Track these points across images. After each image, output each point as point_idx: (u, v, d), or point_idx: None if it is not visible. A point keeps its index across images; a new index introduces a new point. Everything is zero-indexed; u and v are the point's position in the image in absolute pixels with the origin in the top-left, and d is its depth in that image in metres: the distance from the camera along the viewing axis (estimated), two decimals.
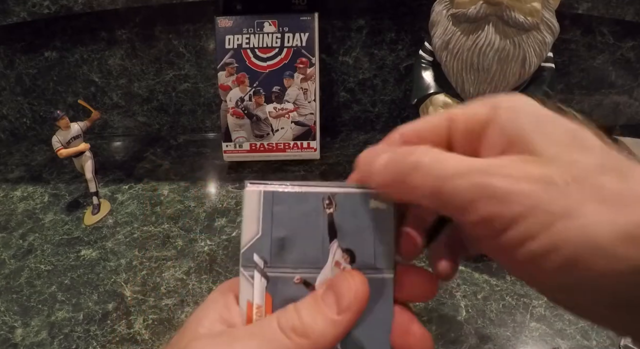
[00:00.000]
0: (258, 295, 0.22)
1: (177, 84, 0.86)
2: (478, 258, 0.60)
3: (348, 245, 0.22)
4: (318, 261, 0.22)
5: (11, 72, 0.87)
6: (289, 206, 0.22)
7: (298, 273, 0.22)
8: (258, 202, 0.22)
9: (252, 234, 0.22)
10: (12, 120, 0.94)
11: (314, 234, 0.22)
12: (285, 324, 0.19)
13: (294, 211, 0.22)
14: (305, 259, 0.22)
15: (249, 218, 0.22)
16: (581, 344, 0.50)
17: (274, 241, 0.22)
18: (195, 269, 0.61)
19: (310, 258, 0.22)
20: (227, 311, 0.21)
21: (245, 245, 0.22)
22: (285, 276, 0.22)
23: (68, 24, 0.81)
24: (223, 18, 0.74)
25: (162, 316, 0.55)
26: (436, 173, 0.18)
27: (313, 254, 0.22)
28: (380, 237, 0.22)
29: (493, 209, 0.16)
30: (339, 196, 0.22)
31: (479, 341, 0.50)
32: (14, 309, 0.58)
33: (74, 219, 0.72)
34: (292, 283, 0.22)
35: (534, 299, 0.55)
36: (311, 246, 0.22)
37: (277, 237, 0.22)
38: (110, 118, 0.92)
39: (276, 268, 0.22)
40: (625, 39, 0.72)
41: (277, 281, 0.22)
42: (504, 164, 0.17)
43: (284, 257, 0.22)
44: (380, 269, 0.22)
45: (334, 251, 0.22)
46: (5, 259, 0.66)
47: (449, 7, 0.52)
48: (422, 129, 0.21)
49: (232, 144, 0.78)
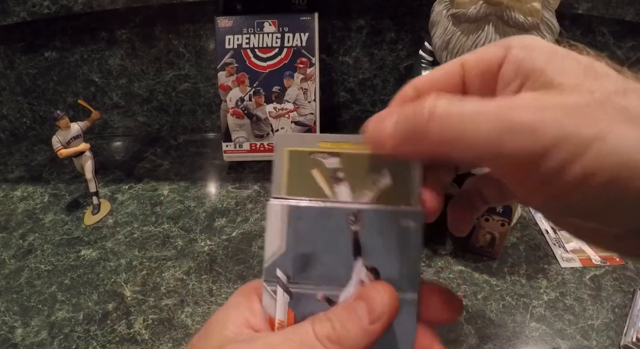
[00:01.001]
0: (280, 311, 0.22)
1: (177, 84, 0.86)
2: (478, 258, 0.60)
3: (373, 263, 0.22)
4: (341, 278, 0.22)
5: (11, 72, 0.87)
6: (313, 221, 0.22)
7: (321, 289, 0.22)
8: (281, 217, 0.22)
9: (275, 249, 0.22)
10: (12, 120, 0.94)
11: (338, 251, 0.22)
12: (320, 331, 0.20)
13: (318, 226, 0.22)
14: (328, 276, 0.22)
15: (272, 233, 0.22)
16: (581, 344, 0.50)
17: (297, 257, 0.22)
18: (195, 269, 0.61)
19: (333, 275, 0.22)
20: (252, 315, 0.21)
21: (269, 260, 0.22)
22: (308, 292, 0.22)
23: (68, 24, 0.81)
24: (223, 18, 0.74)
25: (162, 316, 0.55)
26: (453, 119, 0.17)
27: (336, 272, 0.22)
28: (407, 257, 0.21)
29: (521, 144, 0.15)
30: (366, 213, 0.22)
31: (479, 341, 0.50)
32: (14, 309, 0.58)
33: (74, 219, 0.72)
34: (315, 300, 0.22)
35: (534, 299, 0.55)
36: (335, 263, 0.22)
37: (301, 253, 0.22)
38: (110, 118, 0.92)
39: (299, 283, 0.22)
40: (625, 39, 0.72)
41: (300, 297, 0.22)
42: (524, 98, 0.17)
43: (307, 273, 0.22)
44: (404, 289, 0.22)
45: (358, 269, 0.22)
46: (5, 259, 0.66)
47: (449, 7, 0.52)
48: (435, 78, 0.20)
49: (232, 144, 0.78)
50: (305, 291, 0.22)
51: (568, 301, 0.55)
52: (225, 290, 0.58)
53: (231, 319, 0.21)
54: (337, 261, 0.22)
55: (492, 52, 0.19)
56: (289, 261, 0.22)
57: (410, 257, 0.22)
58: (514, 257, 0.61)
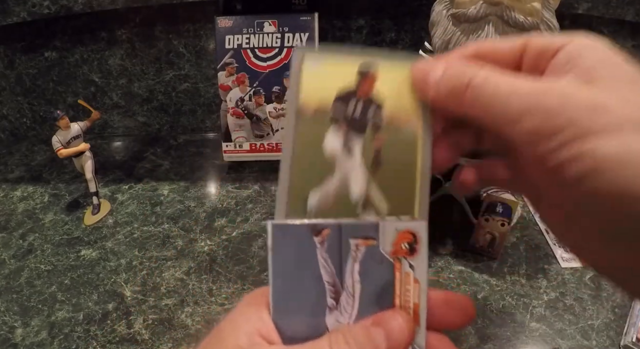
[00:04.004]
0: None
1: (177, 84, 0.86)
2: (478, 258, 0.60)
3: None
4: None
5: (11, 72, 0.87)
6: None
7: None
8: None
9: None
10: (12, 120, 0.94)
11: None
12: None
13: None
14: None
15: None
16: (581, 344, 0.50)
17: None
18: (195, 269, 0.61)
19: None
20: (263, 325, 0.21)
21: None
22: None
23: (68, 24, 0.81)
24: (223, 18, 0.74)
25: (162, 316, 0.55)
26: (488, 93, 0.19)
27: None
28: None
29: (540, 123, 0.18)
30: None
31: (479, 341, 0.50)
32: (14, 309, 0.58)
33: (74, 219, 0.72)
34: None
35: (534, 299, 0.55)
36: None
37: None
38: (110, 118, 0.92)
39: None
40: (625, 39, 0.72)
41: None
42: (559, 84, 0.18)
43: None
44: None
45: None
46: (5, 259, 0.66)
47: (449, 7, 0.52)
48: (499, 47, 0.22)
49: (232, 144, 0.78)
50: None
51: (568, 301, 0.55)
52: (225, 290, 0.58)
53: (243, 328, 0.21)
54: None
55: (556, 38, 0.21)
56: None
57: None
58: (514, 257, 0.61)
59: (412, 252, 0.22)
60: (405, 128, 0.23)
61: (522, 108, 0.18)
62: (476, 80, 0.20)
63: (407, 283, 0.22)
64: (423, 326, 0.21)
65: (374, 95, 0.23)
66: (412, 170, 0.23)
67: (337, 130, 0.23)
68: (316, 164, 0.23)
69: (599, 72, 0.18)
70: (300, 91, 0.24)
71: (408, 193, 0.23)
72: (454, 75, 0.21)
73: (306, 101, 0.23)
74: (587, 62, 0.19)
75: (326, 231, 0.22)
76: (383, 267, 0.22)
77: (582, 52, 0.19)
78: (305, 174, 0.23)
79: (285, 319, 0.21)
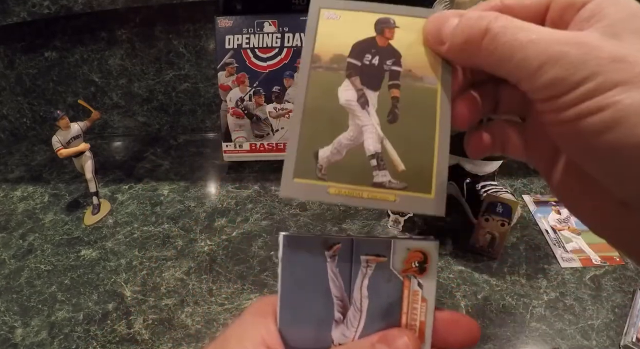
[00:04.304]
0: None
1: (177, 84, 0.86)
2: (478, 258, 0.60)
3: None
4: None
5: (11, 72, 0.87)
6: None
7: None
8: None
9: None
10: (12, 120, 0.94)
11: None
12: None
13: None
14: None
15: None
16: (581, 344, 0.50)
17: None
18: (195, 269, 0.61)
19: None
20: (269, 336, 0.21)
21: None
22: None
23: (68, 24, 0.81)
24: (223, 18, 0.74)
25: (162, 316, 0.55)
26: (507, 39, 0.18)
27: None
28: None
29: (562, 73, 0.17)
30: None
31: (479, 341, 0.50)
32: (14, 309, 0.58)
33: (74, 219, 0.72)
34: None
35: (534, 299, 0.55)
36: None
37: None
38: (110, 118, 0.92)
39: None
40: None
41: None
42: (581, 35, 0.18)
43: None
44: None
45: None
46: (5, 259, 0.66)
47: (449, 7, 0.52)
48: (523, 2, 0.21)
49: (232, 144, 0.78)
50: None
51: (568, 301, 0.55)
52: (225, 290, 0.58)
53: (249, 337, 0.21)
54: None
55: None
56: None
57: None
58: (514, 257, 0.61)
59: (422, 271, 0.22)
60: (423, 80, 0.22)
61: (542, 57, 0.17)
62: (494, 27, 0.19)
63: (414, 301, 0.22)
64: (428, 344, 0.21)
65: (393, 45, 0.22)
66: (431, 125, 0.22)
67: (352, 81, 0.22)
68: (329, 116, 0.22)
69: (623, 26, 0.18)
70: (315, 40, 0.22)
71: (426, 150, 0.21)
72: (469, 23, 0.20)
73: (322, 50, 0.22)
74: (611, 17, 0.18)
75: (338, 246, 0.22)
76: (392, 284, 0.22)
77: (606, 7, 0.19)
78: (318, 127, 0.21)
79: (292, 330, 0.21)
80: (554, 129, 0.19)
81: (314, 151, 0.21)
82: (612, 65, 0.16)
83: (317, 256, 0.21)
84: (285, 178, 0.21)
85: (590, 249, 0.61)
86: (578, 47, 0.17)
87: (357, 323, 0.22)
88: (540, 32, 0.18)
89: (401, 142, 0.21)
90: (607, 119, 0.16)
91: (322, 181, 0.21)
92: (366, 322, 0.21)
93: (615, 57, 0.16)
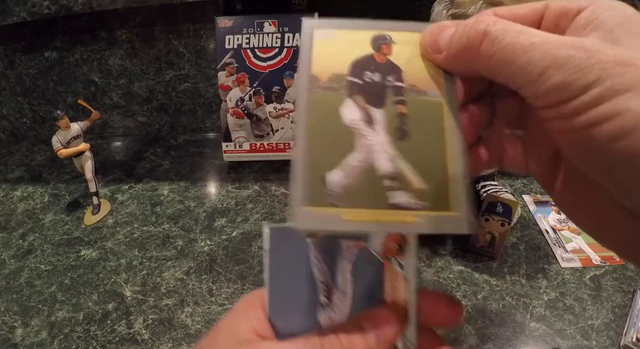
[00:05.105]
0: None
1: (177, 84, 0.86)
2: (478, 258, 0.60)
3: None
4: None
5: (11, 72, 0.87)
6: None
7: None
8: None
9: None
10: (12, 120, 0.94)
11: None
12: (329, 347, 0.20)
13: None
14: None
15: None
16: (581, 344, 0.50)
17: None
18: (195, 269, 0.61)
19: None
20: (259, 324, 0.22)
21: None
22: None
23: (68, 24, 0.81)
24: (223, 18, 0.74)
25: (162, 316, 0.55)
26: (507, 42, 0.18)
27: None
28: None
29: (568, 78, 0.16)
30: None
31: (479, 341, 0.50)
32: (14, 309, 0.58)
33: (74, 219, 0.72)
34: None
35: (534, 299, 0.55)
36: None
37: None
38: (110, 118, 0.92)
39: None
40: None
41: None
42: (583, 40, 0.17)
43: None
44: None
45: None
46: (5, 259, 0.66)
47: (449, 7, 0.52)
48: (516, 9, 0.21)
49: (232, 144, 0.78)
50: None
51: (568, 301, 0.55)
52: (225, 290, 0.58)
53: (240, 327, 0.22)
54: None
55: (576, 1, 0.20)
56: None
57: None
58: (514, 257, 0.61)
59: (401, 252, 0.22)
60: (428, 93, 0.22)
61: (545, 61, 0.17)
62: (493, 30, 0.18)
63: (396, 282, 0.22)
64: (413, 322, 0.22)
65: (392, 61, 0.22)
66: (440, 138, 0.21)
67: (355, 99, 0.21)
68: (333, 138, 0.20)
69: (622, 31, 0.17)
70: (311, 61, 0.22)
71: (443, 165, 0.21)
72: (466, 28, 0.19)
73: (319, 70, 0.22)
74: (609, 23, 0.18)
75: (320, 233, 0.22)
76: (374, 267, 0.22)
77: (602, 13, 0.18)
78: (323, 150, 0.20)
79: (280, 317, 0.22)
80: (560, 137, 0.18)
81: (321, 175, 0.20)
82: (618, 69, 0.16)
83: (301, 244, 0.22)
84: (294, 207, 0.19)
85: (590, 249, 0.61)
86: (582, 51, 0.17)
87: (342, 306, 0.22)
88: (542, 35, 0.18)
89: (415, 159, 0.20)
90: (618, 127, 0.16)
91: (334, 207, 0.19)
92: (352, 305, 0.22)
93: (621, 61, 0.16)
